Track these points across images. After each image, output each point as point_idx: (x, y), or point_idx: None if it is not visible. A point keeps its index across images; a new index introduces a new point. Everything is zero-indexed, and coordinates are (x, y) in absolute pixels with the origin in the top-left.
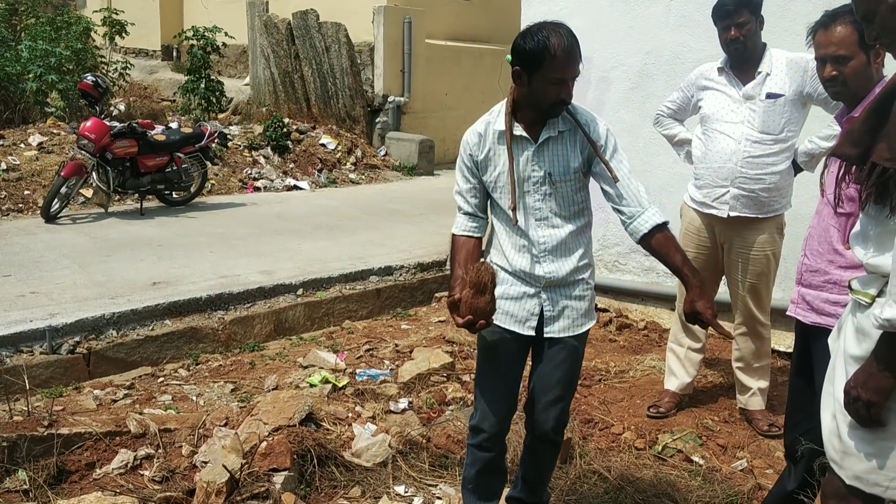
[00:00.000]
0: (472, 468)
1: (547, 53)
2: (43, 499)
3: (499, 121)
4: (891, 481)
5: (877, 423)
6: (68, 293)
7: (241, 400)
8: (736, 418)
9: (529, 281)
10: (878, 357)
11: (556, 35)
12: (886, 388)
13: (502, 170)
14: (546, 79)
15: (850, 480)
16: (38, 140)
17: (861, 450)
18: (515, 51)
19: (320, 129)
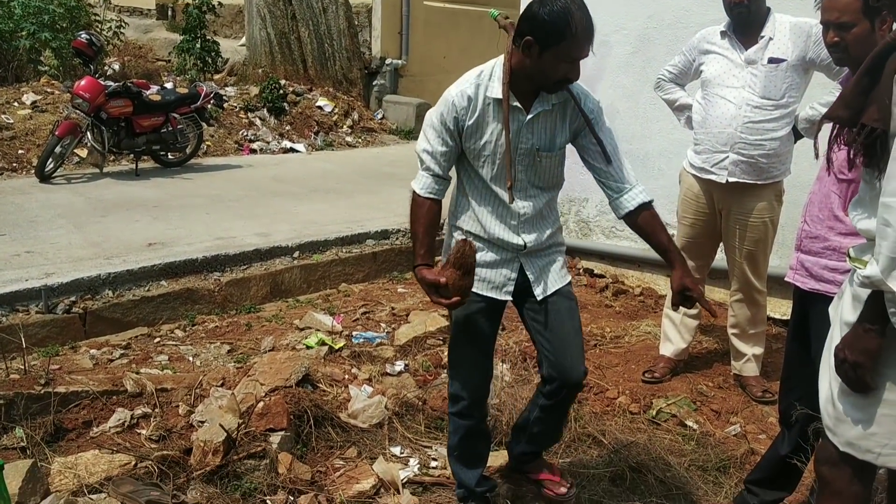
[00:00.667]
0: (456, 436)
1: (568, 30)
2: (40, 456)
3: (493, 87)
4: (882, 448)
5: (864, 385)
6: (63, 253)
7: (237, 361)
8: (730, 384)
9: (507, 248)
10: (864, 318)
11: (578, 9)
12: (872, 348)
13: (489, 139)
14: (560, 56)
15: (843, 447)
16: (31, 99)
17: (853, 416)
18: (531, 20)
19: (317, 92)
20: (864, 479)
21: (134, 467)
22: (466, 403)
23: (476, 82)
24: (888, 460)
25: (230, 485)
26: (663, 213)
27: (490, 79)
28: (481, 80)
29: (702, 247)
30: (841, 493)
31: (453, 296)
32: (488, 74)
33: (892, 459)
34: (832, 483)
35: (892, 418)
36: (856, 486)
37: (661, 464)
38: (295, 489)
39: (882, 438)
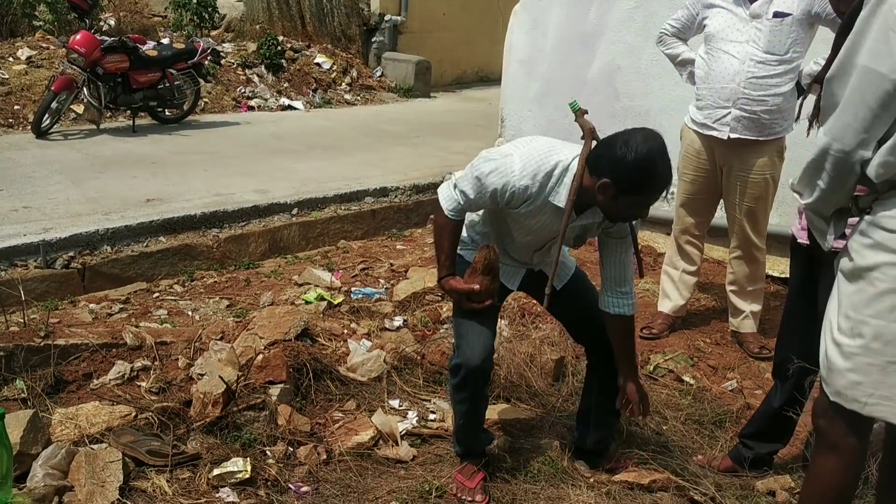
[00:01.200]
0: (463, 406)
1: (649, 183)
2: (41, 407)
3: (557, 195)
4: (868, 397)
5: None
6: (61, 208)
7: (236, 315)
8: (727, 341)
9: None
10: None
11: (662, 162)
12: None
13: (535, 226)
14: (635, 203)
15: (833, 396)
16: (26, 54)
17: (841, 366)
18: (613, 163)
19: (315, 48)
20: (859, 432)
21: (134, 418)
22: (468, 370)
23: (542, 183)
24: (874, 410)
25: (230, 436)
26: None
27: (557, 184)
28: (549, 182)
29: (702, 203)
30: (837, 446)
31: (486, 299)
32: (557, 179)
33: (878, 409)
34: (828, 436)
35: (877, 368)
36: (851, 440)
37: (658, 417)
38: (294, 440)
39: (868, 388)
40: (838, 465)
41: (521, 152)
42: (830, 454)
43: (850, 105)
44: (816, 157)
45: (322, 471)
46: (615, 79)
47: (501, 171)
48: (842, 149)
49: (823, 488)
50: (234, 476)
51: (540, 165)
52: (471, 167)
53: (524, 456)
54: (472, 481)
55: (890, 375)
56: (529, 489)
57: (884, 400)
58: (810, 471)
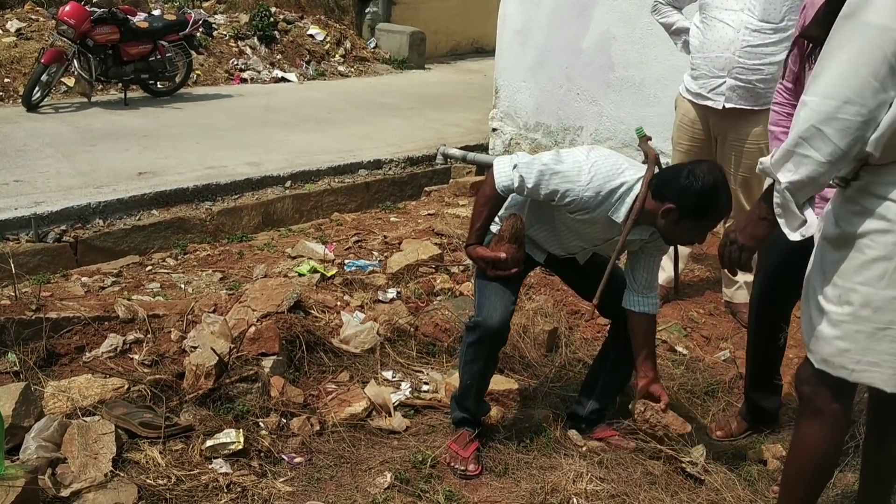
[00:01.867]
0: (473, 364)
1: (712, 211)
2: (33, 380)
3: (617, 211)
4: (856, 364)
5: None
6: (53, 182)
7: (229, 288)
8: (721, 311)
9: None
10: (762, 204)
11: (724, 191)
12: (760, 236)
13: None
14: (696, 229)
15: (819, 364)
16: (15, 26)
17: (828, 333)
18: (678, 191)
19: (308, 19)
20: (843, 397)
21: (127, 391)
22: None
23: (605, 199)
24: (861, 376)
25: (223, 407)
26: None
27: (619, 202)
28: (611, 198)
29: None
30: (822, 412)
31: (511, 267)
32: (619, 198)
33: (866, 375)
34: (813, 402)
35: (865, 335)
36: (835, 405)
37: None
38: (287, 412)
39: (855, 355)
40: (823, 430)
41: (592, 165)
42: (815, 420)
43: (864, 64)
44: (813, 126)
45: (315, 442)
46: (610, 48)
47: (569, 178)
48: (859, 111)
49: (809, 453)
50: (227, 447)
51: (606, 182)
52: (539, 159)
53: (517, 426)
54: (466, 450)
55: (878, 342)
56: (522, 459)
57: (871, 366)
58: (795, 437)
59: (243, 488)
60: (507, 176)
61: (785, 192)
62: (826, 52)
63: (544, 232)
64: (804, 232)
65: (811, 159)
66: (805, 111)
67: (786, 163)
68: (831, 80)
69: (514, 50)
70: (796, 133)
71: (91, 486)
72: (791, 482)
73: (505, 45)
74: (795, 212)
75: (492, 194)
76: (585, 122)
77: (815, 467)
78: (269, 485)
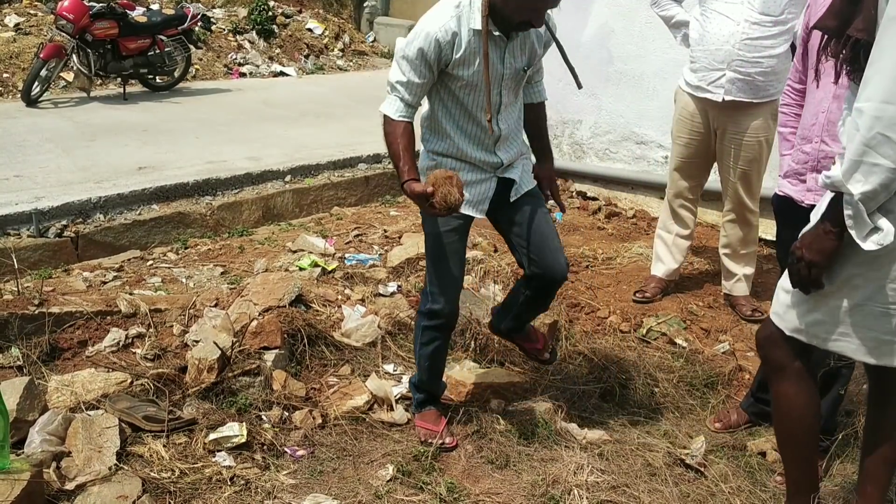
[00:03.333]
0: (430, 346)
1: None
2: (37, 374)
3: (474, 19)
4: (829, 334)
5: (816, 284)
6: (53, 177)
7: (230, 282)
8: (720, 304)
9: (485, 168)
10: (826, 218)
11: None
12: (829, 249)
13: (477, 69)
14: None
15: (790, 332)
16: (14, 21)
17: (806, 306)
18: None
19: (307, 13)
20: (805, 356)
21: (130, 385)
22: (447, 314)
23: (455, 15)
24: (833, 345)
25: (225, 401)
26: (658, 134)
27: (470, 10)
28: (461, 12)
29: (696, 167)
30: (784, 369)
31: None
32: (468, 5)
33: (837, 345)
34: (775, 361)
35: (844, 311)
36: (797, 363)
37: (650, 380)
38: (289, 405)
39: (830, 327)
40: (792, 386)
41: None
42: (781, 380)
43: None
44: (879, 133)
45: (317, 435)
46: (609, 42)
47: (422, 35)
48: None
49: (787, 411)
50: (230, 441)
51: (446, 5)
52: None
53: (518, 418)
54: (438, 425)
55: (852, 316)
56: (523, 451)
57: (842, 336)
58: (773, 400)
59: (246, 481)
60: (390, 102)
61: (858, 204)
62: (876, 55)
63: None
64: (880, 241)
65: (881, 167)
66: (865, 118)
67: (854, 173)
68: (887, 83)
69: None
70: (860, 142)
71: (95, 480)
72: (785, 443)
73: None
74: (867, 221)
75: (392, 127)
76: (584, 116)
77: (798, 424)
78: (272, 477)
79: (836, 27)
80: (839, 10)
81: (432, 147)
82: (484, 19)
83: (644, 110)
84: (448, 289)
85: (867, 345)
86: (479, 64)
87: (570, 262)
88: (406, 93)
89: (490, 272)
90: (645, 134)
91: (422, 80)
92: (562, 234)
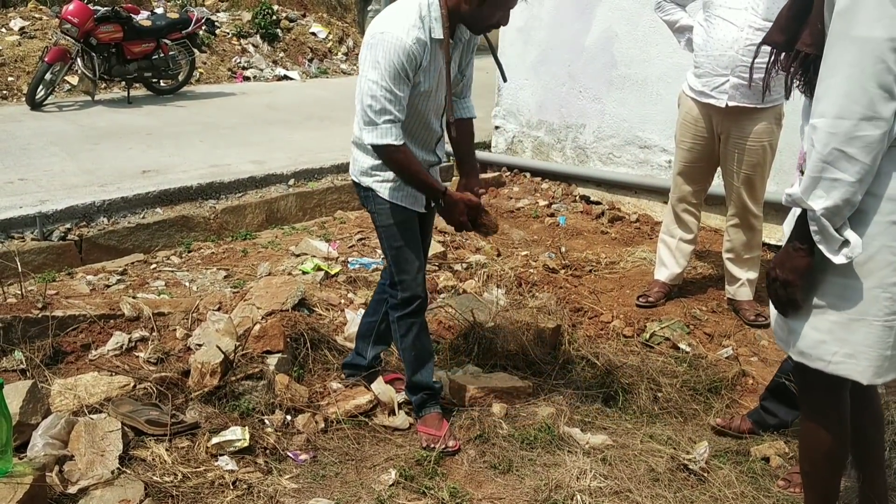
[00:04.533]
0: (410, 335)
1: None
2: (40, 378)
3: (435, 29)
4: (833, 356)
5: (793, 304)
6: (57, 180)
7: (234, 286)
8: (724, 308)
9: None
10: (794, 237)
11: None
12: (801, 267)
13: (436, 75)
14: (497, 4)
15: (797, 357)
16: (19, 25)
17: (801, 327)
18: None
19: (311, 17)
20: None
21: (133, 388)
22: (420, 300)
23: (420, 25)
24: (838, 368)
25: (228, 405)
26: (661, 138)
27: (433, 20)
28: (424, 21)
29: (699, 171)
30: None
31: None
32: (427, 15)
33: (842, 367)
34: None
35: (841, 326)
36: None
37: (653, 385)
38: (292, 408)
39: (832, 346)
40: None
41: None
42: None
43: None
44: (835, 148)
45: (320, 439)
46: (613, 46)
47: (396, 47)
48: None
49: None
50: (232, 444)
51: (408, 14)
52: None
53: (521, 423)
54: (440, 429)
55: (853, 333)
56: (526, 456)
57: (847, 358)
58: (801, 431)
59: (249, 485)
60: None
61: (821, 219)
62: (826, 71)
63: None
64: (849, 254)
65: (841, 181)
66: (819, 135)
67: (814, 189)
68: (839, 99)
69: (517, 47)
70: (817, 158)
71: (98, 483)
72: (808, 473)
73: (507, 42)
74: (834, 235)
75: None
76: (588, 120)
77: (824, 459)
78: (275, 482)
79: (783, 42)
80: (785, 26)
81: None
82: (445, 30)
83: (647, 114)
84: (416, 274)
85: (875, 364)
86: (437, 71)
87: (574, 266)
88: (396, 109)
89: (493, 276)
90: (648, 138)
91: (404, 93)
92: (565, 238)
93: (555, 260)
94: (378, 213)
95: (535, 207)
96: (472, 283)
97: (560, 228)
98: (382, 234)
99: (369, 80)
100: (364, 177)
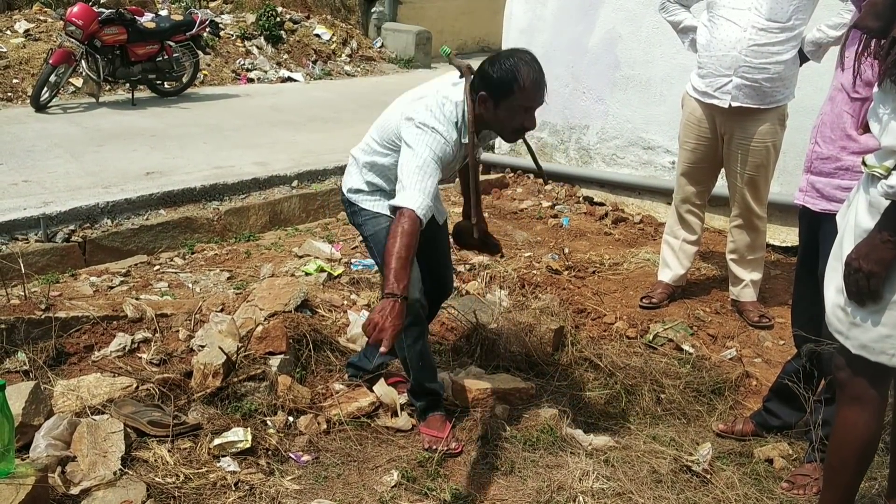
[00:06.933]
0: (418, 344)
1: (516, 84)
2: (43, 379)
3: (465, 135)
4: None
5: (875, 295)
6: (61, 182)
7: (236, 287)
8: (727, 310)
9: None
10: (882, 227)
11: (525, 65)
12: (888, 259)
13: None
14: (513, 107)
15: (857, 350)
16: (24, 27)
17: (867, 320)
18: (483, 78)
19: (314, 19)
20: (880, 383)
21: (135, 390)
22: (422, 304)
23: (456, 129)
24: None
25: (230, 406)
26: (665, 139)
27: (462, 126)
28: (458, 126)
29: (703, 172)
30: (860, 398)
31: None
32: (461, 119)
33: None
34: (850, 388)
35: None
36: (873, 391)
37: (656, 386)
38: (294, 410)
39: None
40: (864, 416)
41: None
42: (854, 406)
43: None
44: None
45: (322, 440)
46: (616, 47)
47: (440, 141)
48: None
49: (851, 440)
50: (234, 446)
51: (446, 115)
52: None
53: (523, 424)
54: (442, 431)
55: None
56: (528, 457)
57: None
58: (837, 424)
59: (251, 486)
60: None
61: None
62: None
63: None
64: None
65: None
66: None
67: None
68: None
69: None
70: None
71: (100, 484)
72: (835, 468)
73: (511, 43)
74: None
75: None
76: (591, 121)
77: (857, 453)
78: (277, 483)
79: (878, 28)
80: (882, 12)
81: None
82: (471, 135)
83: (651, 115)
84: (415, 280)
85: None
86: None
87: (577, 267)
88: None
89: (496, 277)
90: (652, 139)
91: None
92: (568, 239)
93: (558, 261)
94: (364, 224)
95: (538, 209)
96: (475, 284)
97: (563, 230)
98: (370, 242)
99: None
100: (351, 194)
